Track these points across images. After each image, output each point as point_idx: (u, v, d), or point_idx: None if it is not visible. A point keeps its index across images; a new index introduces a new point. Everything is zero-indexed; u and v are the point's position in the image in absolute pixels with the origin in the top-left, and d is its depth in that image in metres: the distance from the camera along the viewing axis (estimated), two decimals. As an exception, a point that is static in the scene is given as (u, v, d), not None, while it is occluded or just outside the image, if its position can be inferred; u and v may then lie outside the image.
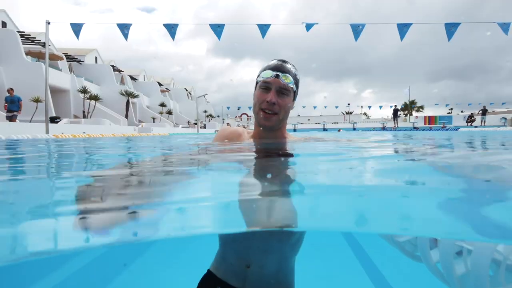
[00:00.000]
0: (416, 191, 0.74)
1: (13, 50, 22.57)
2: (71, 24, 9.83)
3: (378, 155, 1.68)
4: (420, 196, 0.71)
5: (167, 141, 4.52)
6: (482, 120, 27.37)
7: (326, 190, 0.76)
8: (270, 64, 1.45)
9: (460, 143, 3.23)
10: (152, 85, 46.91)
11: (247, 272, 1.11)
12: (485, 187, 0.77)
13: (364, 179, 0.96)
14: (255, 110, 1.45)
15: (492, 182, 0.84)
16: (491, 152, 2.06)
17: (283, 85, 1.39)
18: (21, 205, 0.66)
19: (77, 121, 22.13)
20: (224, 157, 1.53)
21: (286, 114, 1.45)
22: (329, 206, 0.64)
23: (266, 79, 1.40)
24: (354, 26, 9.49)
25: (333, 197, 0.68)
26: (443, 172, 1.04)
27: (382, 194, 0.71)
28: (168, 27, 9.63)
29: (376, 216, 0.59)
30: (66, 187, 0.85)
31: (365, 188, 0.78)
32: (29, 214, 0.60)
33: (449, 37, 9.32)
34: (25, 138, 8.16)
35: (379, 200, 0.67)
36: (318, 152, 1.68)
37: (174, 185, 0.79)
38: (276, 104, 1.38)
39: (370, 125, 36.10)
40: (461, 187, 0.81)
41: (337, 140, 2.18)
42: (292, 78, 1.41)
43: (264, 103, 1.39)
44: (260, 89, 1.42)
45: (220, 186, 0.83)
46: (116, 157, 1.87)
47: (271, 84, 1.39)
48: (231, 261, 1.15)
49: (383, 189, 0.77)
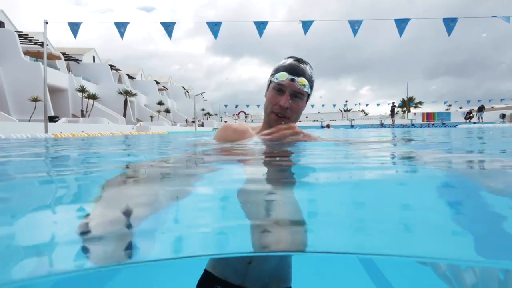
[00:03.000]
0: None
1: (11, 49, 22.52)
2: (69, 24, 9.80)
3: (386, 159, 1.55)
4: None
5: (167, 140, 4.52)
6: (479, 117, 27.42)
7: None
8: (285, 65, 1.37)
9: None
10: (150, 84, 46.84)
11: (248, 269, 1.08)
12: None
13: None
14: (267, 111, 1.39)
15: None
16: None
17: (298, 90, 1.32)
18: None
19: (76, 120, 22.09)
20: (228, 162, 1.29)
21: (298, 117, 1.40)
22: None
23: (280, 82, 1.33)
24: (352, 23, 9.50)
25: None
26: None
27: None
28: (165, 25, 9.61)
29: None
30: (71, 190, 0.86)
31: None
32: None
33: (449, 32, 9.17)
34: (24, 137, 8.16)
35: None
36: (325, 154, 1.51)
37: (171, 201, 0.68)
38: (289, 109, 1.32)
39: (368, 122, 36.14)
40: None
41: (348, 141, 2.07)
42: (307, 82, 1.34)
43: (277, 107, 1.33)
44: (273, 90, 1.35)
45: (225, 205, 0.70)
46: (122, 157, 1.85)
47: (285, 87, 1.32)
48: (232, 259, 1.11)
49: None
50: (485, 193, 0.78)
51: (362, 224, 0.57)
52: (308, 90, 1.36)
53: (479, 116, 27.58)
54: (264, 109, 1.43)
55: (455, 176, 0.99)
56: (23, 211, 0.63)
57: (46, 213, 0.63)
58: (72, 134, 11.08)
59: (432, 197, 0.74)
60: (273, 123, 1.35)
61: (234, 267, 1.10)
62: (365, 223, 0.57)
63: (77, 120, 21.81)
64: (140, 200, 0.65)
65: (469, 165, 1.21)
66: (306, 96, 1.38)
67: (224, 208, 0.64)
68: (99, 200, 0.66)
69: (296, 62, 1.37)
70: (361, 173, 1.00)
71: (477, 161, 1.30)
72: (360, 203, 0.68)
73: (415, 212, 0.61)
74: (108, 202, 0.64)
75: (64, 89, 27.42)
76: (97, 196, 0.70)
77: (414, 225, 0.55)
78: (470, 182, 0.93)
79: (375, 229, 0.54)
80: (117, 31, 9.68)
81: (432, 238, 0.50)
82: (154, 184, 0.81)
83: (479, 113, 27.82)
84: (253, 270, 1.08)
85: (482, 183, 0.88)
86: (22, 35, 24.11)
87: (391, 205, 0.66)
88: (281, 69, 1.36)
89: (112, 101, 32.05)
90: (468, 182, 0.93)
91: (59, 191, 0.80)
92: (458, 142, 2.92)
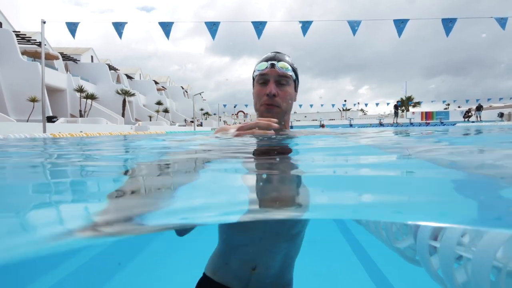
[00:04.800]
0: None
1: (9, 50, 22.45)
2: (67, 23, 9.77)
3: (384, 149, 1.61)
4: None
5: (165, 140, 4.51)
6: (478, 116, 27.50)
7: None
8: (264, 57, 1.34)
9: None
10: (148, 84, 46.79)
11: (252, 275, 1.06)
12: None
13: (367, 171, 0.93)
14: (257, 107, 1.33)
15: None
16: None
17: (282, 73, 1.27)
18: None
19: (74, 120, 22.05)
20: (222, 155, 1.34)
21: (289, 106, 1.32)
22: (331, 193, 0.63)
23: (262, 71, 1.29)
24: (351, 23, 9.50)
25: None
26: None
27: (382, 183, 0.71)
28: (163, 25, 9.59)
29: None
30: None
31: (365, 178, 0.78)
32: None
33: (447, 32, 9.22)
34: (23, 137, 8.13)
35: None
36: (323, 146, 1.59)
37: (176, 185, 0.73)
38: (277, 96, 1.26)
39: (367, 121, 36.11)
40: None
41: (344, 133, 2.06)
42: (289, 65, 1.29)
43: (264, 98, 1.26)
44: (258, 84, 1.31)
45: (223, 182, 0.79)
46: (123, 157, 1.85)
47: (268, 75, 1.28)
48: (235, 264, 1.08)
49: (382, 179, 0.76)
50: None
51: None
52: (292, 73, 1.30)
53: (478, 115, 27.65)
54: (254, 108, 1.37)
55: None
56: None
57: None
58: (70, 134, 11.05)
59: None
60: (264, 114, 1.27)
61: (236, 273, 1.08)
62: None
63: (75, 120, 21.77)
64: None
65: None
66: (292, 80, 1.31)
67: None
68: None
69: (274, 52, 1.35)
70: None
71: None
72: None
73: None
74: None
75: (62, 89, 27.35)
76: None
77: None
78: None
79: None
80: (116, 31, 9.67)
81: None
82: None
83: (477, 112, 27.90)
84: (257, 276, 1.06)
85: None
86: (20, 35, 24.05)
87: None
88: (261, 61, 1.33)
89: (110, 101, 31.99)
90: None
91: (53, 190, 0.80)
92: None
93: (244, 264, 1.07)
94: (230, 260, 1.10)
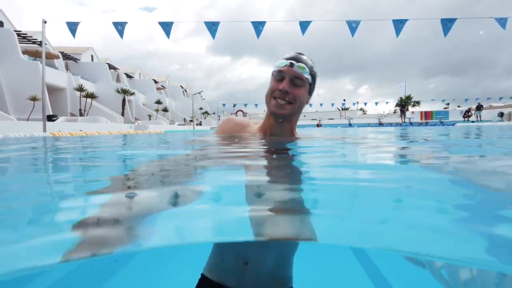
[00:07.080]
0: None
1: (10, 49, 22.49)
2: (67, 23, 9.77)
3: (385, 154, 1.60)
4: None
5: (164, 139, 4.52)
6: (478, 116, 27.51)
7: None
8: (286, 55, 1.39)
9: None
10: (148, 83, 46.80)
11: (245, 270, 1.06)
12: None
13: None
14: (267, 99, 1.38)
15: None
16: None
17: (298, 74, 1.32)
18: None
19: (74, 119, 22.05)
20: (225, 155, 1.35)
21: (300, 107, 1.37)
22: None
23: (280, 68, 1.33)
24: (350, 23, 9.49)
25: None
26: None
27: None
28: (164, 25, 9.59)
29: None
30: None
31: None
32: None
33: (446, 32, 9.20)
34: (23, 136, 8.15)
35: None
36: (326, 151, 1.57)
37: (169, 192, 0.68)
38: (290, 94, 1.31)
39: (367, 121, 36.08)
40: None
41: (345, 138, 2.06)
42: (308, 69, 1.34)
43: (277, 92, 1.32)
44: (274, 79, 1.36)
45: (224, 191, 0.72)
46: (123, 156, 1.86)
47: (284, 73, 1.32)
48: (229, 259, 1.09)
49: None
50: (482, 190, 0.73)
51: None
52: (308, 76, 1.35)
53: (477, 115, 27.65)
54: (265, 100, 1.41)
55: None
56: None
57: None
58: (70, 133, 11.07)
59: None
60: (273, 108, 1.33)
61: (230, 269, 1.08)
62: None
63: (75, 119, 21.77)
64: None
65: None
66: (307, 84, 1.36)
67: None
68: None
69: (296, 53, 1.40)
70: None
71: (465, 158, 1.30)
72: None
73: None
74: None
75: (63, 88, 27.36)
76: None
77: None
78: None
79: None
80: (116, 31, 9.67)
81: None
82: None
83: (477, 111, 27.90)
84: (250, 271, 1.06)
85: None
86: (21, 35, 24.06)
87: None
88: (282, 59, 1.38)
89: (110, 100, 32.01)
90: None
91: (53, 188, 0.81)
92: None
93: (236, 259, 1.07)
94: (224, 255, 1.11)
